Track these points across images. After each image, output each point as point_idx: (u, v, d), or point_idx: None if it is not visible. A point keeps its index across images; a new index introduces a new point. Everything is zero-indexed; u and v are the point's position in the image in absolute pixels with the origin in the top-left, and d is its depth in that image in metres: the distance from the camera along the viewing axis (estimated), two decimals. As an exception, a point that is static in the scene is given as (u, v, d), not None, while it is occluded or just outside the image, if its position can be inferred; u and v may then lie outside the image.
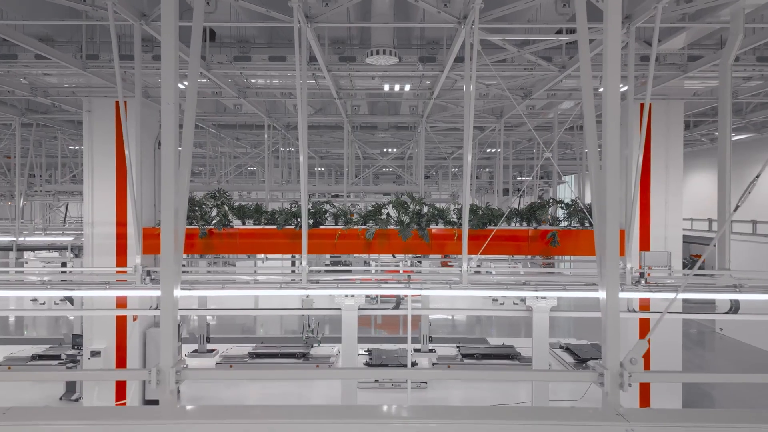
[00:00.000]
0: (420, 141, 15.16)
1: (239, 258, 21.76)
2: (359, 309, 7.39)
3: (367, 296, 8.55)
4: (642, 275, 7.68)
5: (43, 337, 19.35)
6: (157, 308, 8.51)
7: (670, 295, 7.34)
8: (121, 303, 11.21)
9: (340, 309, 7.38)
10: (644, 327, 12.06)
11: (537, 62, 8.98)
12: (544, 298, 7.17)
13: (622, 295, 7.58)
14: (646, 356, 12.24)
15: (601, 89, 11.30)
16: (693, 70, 9.58)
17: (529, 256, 14.68)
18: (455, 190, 23.19)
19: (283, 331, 23.13)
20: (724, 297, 7.31)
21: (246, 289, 7.62)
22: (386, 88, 11.12)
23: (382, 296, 22.63)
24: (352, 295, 7.27)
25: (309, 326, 16.75)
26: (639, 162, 12.93)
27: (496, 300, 27.76)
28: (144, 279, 8.00)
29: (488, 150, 22.05)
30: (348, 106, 15.45)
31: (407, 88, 11.15)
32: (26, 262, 18.85)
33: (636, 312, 8.45)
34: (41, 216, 24.00)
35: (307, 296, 15.50)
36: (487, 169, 28.37)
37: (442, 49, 9.84)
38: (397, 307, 8.20)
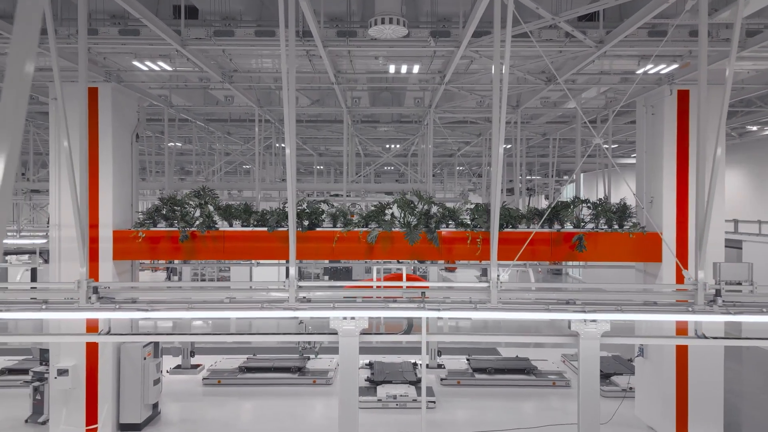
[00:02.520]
0: (428, 134, 13.77)
1: (234, 263, 20.44)
2: (362, 334, 6.02)
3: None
4: (718, 292, 6.27)
5: (21, 345, 17.90)
6: (110, 332, 7.14)
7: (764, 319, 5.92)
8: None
9: (336, 333, 6.02)
10: (682, 353, 10.73)
11: (572, 34, 7.59)
12: (594, 321, 5.80)
13: (696, 318, 6.17)
14: (683, 385, 10.85)
15: (640, 71, 9.95)
16: (754, 46, 8.18)
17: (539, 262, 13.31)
18: (464, 188, 21.82)
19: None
20: None
21: (217, 311, 6.25)
22: (391, 69, 9.74)
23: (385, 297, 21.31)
24: (353, 318, 5.92)
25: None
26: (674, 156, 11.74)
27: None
28: (90, 297, 6.62)
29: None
30: (348, 98, 14.09)
31: (416, 69, 9.78)
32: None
33: (716, 339, 6.77)
34: (22, 216, 22.64)
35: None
36: (490, 167, 26.95)
37: (456, 28, 8.48)
38: (408, 331, 6.79)
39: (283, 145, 19.00)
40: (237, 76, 10.88)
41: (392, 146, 21.60)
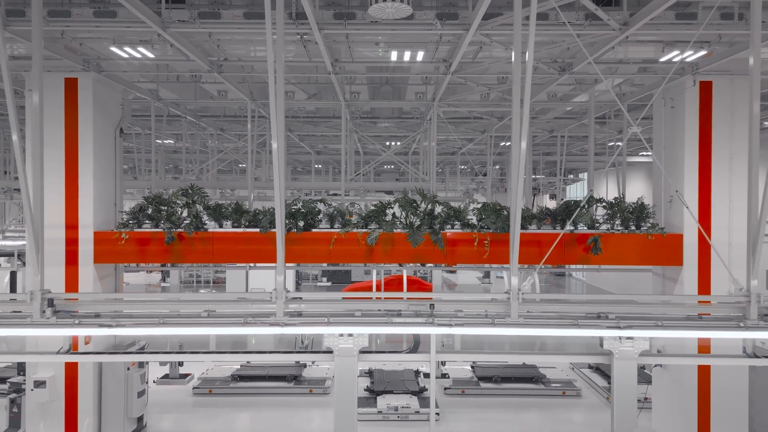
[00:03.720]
0: (431, 129, 13.02)
1: (231, 267, 19.58)
2: (361, 353, 5.26)
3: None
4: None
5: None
6: (69, 351, 6.38)
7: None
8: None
9: (331, 352, 5.26)
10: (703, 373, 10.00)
11: (596, 14, 6.85)
12: (631, 339, 5.06)
13: (752, 335, 5.35)
14: (705, 397, 10.11)
15: (664, 58, 9.21)
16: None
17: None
18: (468, 187, 21.07)
19: (277, 343, 21.05)
20: None
21: (193, 327, 5.48)
22: (393, 56, 9.00)
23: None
24: (350, 335, 5.17)
25: (302, 342, 14.67)
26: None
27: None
28: (44, 311, 5.86)
29: (502, 144, 19.92)
30: (347, 92, 13.35)
31: (420, 56, 9.03)
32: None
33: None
34: (11, 216, 21.87)
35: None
36: (497, 166, 26.23)
37: (465, 9, 7.73)
38: (415, 349, 6.02)
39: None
40: (228, 65, 10.13)
41: (392, 144, 20.85)
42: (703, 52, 8.74)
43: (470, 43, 7.93)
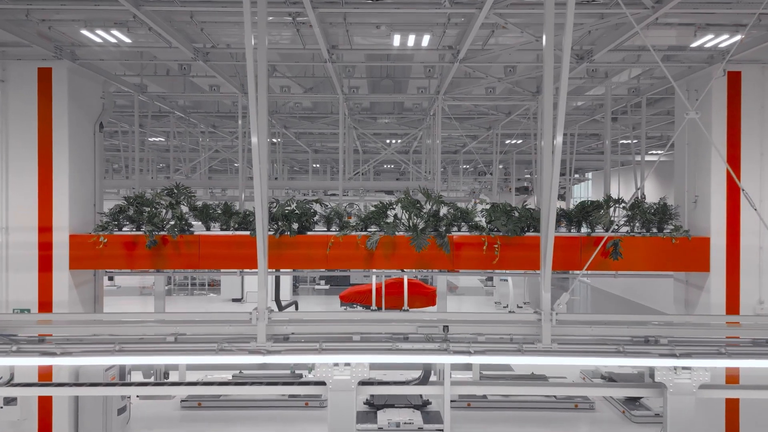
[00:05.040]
0: (436, 123, 12.21)
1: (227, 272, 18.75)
2: (360, 384, 4.41)
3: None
4: None
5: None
6: (11, 382, 5.55)
7: None
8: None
9: (324, 384, 4.41)
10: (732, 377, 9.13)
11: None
12: (689, 369, 4.24)
13: None
14: (733, 410, 9.25)
15: (695, 44, 8.38)
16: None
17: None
18: (474, 186, 20.25)
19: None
20: None
21: (155, 355, 4.66)
22: (396, 41, 8.18)
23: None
24: (347, 364, 4.33)
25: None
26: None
27: (514, 313, 24.83)
28: None
29: (507, 141, 19.09)
30: (346, 86, 12.54)
31: (425, 41, 8.21)
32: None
33: None
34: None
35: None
36: (501, 165, 25.37)
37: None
38: (425, 380, 5.15)
39: (274, 140, 17.42)
40: (216, 54, 9.31)
41: (392, 142, 20.03)
42: (738, 37, 7.92)
43: (482, 26, 7.11)
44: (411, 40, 7.96)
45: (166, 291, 33.37)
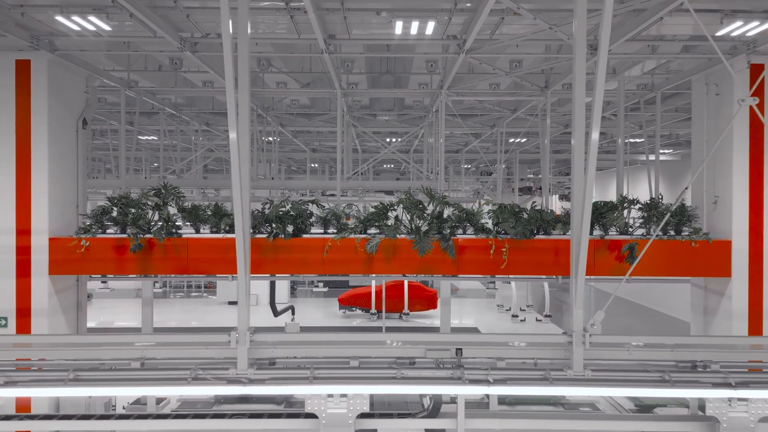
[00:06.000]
0: (439, 120, 11.63)
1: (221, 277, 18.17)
2: (360, 417, 3.81)
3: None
4: None
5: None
6: None
7: None
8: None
9: (315, 417, 3.83)
10: None
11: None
12: (745, 400, 3.67)
13: None
14: None
15: (721, 32, 7.80)
16: None
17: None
18: (478, 186, 19.68)
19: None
20: None
21: (117, 386, 4.05)
22: (398, 29, 7.60)
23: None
24: (344, 395, 3.75)
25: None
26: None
27: (517, 317, 24.24)
28: None
29: (511, 140, 18.52)
30: (344, 82, 11.97)
31: (429, 29, 7.63)
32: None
33: None
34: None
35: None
36: (503, 165, 24.80)
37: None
38: (435, 412, 4.53)
39: (270, 138, 16.84)
40: (205, 44, 8.71)
41: (392, 140, 19.45)
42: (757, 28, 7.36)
43: (491, 12, 6.54)
44: (414, 27, 7.38)
45: (161, 293, 32.98)
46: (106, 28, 7.76)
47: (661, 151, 20.36)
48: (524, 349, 4.41)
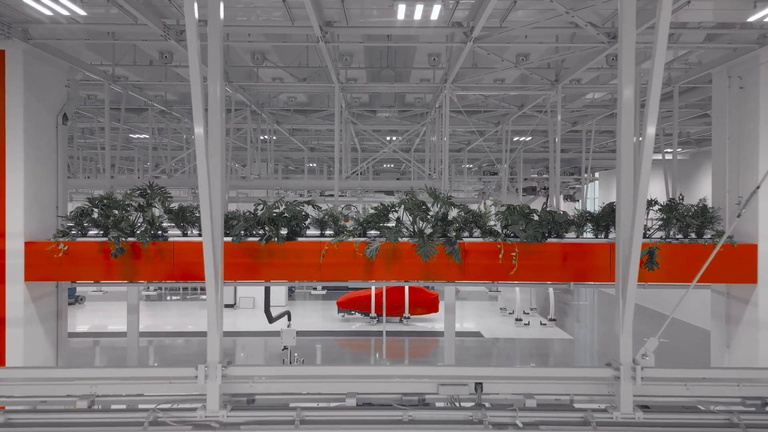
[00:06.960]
0: (443, 117, 11.02)
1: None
2: None
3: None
4: None
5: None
6: None
7: None
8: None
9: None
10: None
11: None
12: None
13: None
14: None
15: (754, 17, 7.13)
16: None
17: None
18: (484, 187, 19.06)
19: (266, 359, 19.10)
20: None
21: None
22: (400, 14, 6.99)
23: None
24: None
25: (290, 364, 12.75)
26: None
27: (521, 320, 23.65)
28: None
29: (516, 139, 17.91)
30: (343, 77, 11.37)
31: (435, 14, 7.01)
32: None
33: None
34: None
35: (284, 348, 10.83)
36: (506, 164, 24.19)
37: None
38: None
39: (265, 137, 16.23)
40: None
41: (393, 138, 18.83)
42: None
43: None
44: (419, 11, 6.77)
45: (156, 296, 32.24)
46: (81, 13, 7.14)
47: (671, 149, 19.74)
48: (558, 384, 3.76)
